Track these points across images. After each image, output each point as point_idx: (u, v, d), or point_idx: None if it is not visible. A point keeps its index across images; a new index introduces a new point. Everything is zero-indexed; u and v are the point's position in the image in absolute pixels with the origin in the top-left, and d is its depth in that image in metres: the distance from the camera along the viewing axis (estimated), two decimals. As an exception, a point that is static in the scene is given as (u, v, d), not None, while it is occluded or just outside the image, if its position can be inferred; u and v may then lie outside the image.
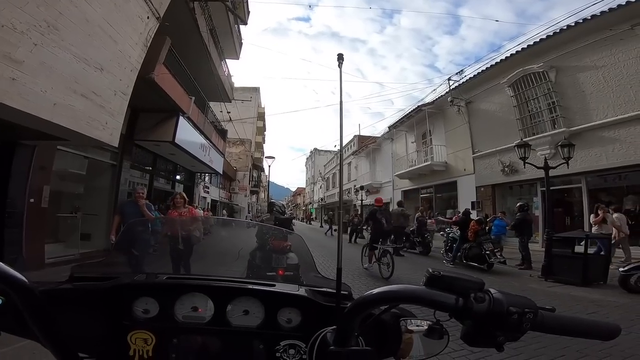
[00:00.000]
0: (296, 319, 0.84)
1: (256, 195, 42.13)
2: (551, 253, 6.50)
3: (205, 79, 11.70)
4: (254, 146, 33.84)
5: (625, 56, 8.49)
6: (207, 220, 4.63)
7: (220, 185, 25.55)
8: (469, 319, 0.51)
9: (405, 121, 18.20)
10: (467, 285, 0.52)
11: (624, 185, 9.05)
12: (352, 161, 29.92)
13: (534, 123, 11.07)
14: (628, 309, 4.27)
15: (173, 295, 0.84)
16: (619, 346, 2.93)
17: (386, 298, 0.56)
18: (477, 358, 2.78)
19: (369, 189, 23.16)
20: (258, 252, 1.60)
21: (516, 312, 0.49)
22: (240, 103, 19.69)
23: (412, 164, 17.69)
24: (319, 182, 46.17)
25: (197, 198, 17.40)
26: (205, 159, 12.48)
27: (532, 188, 11.34)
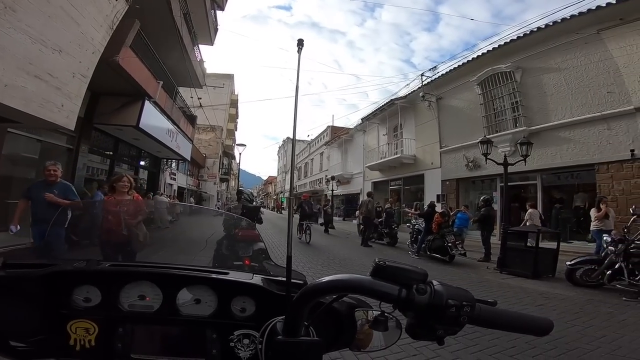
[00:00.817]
0: (250, 308, 0.82)
1: (226, 183, 41.27)
2: (506, 246, 6.84)
3: (176, 64, 11.45)
4: (225, 133, 32.95)
5: (588, 60, 8.87)
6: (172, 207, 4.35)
7: (188, 172, 24.82)
8: (410, 310, 0.51)
9: (378, 114, 18.40)
10: (411, 276, 0.52)
11: (575, 184, 9.67)
12: (325, 151, 29.93)
13: (498, 121, 11.48)
14: (573, 301, 4.54)
15: (117, 284, 0.79)
16: (564, 338, 3.12)
17: (333, 287, 0.55)
18: (429, 348, 2.88)
19: (340, 180, 23.38)
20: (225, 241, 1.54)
21: (454, 305, 0.49)
22: (212, 89, 19.17)
23: (383, 156, 17.99)
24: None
25: (163, 185, 16.86)
26: (172, 145, 12.15)
27: (493, 183, 11.87)
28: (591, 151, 8.70)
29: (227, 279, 0.86)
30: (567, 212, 9.77)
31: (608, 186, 8.20)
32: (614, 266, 4.90)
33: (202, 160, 27.66)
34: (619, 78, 8.19)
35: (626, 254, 4.82)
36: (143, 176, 14.46)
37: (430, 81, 14.44)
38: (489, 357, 2.78)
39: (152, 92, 8.91)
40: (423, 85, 14.68)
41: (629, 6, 7.79)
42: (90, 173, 9.49)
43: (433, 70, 14.56)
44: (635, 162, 7.72)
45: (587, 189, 9.18)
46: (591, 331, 3.33)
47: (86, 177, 8.85)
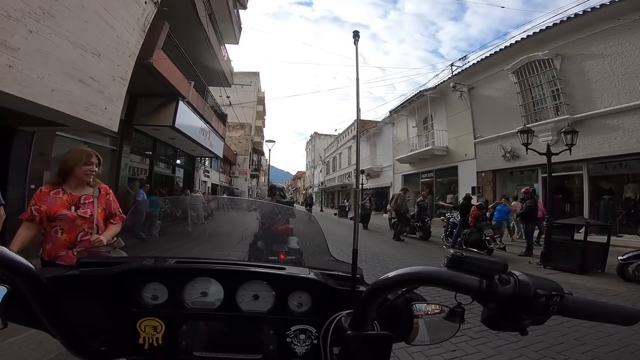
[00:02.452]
0: (307, 303, 0.82)
1: (256, 179, 42.14)
2: (550, 240, 6.56)
3: (205, 64, 11.75)
4: (254, 130, 33.65)
5: (633, 46, 8.40)
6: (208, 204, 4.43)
7: (221, 169, 25.53)
8: (492, 301, 0.50)
9: (406, 106, 18.04)
10: (491, 266, 0.51)
11: (625, 174, 9.07)
12: (352, 145, 29.74)
13: (537, 110, 11.00)
14: (625, 298, 4.34)
15: (182, 280, 0.81)
16: (616, 335, 2.99)
17: (406, 280, 0.55)
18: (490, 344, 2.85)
19: (370, 173, 23.16)
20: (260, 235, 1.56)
21: (544, 295, 0.48)
22: (240, 88, 19.65)
23: (413, 148, 17.63)
24: (319, 165, 46.09)
25: (198, 182, 17.47)
26: (206, 143, 12.54)
27: (533, 174, 11.35)
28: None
29: (287, 274, 0.86)
30: (616, 204, 9.13)
31: (662, 176, 7.61)
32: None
33: (233, 157, 28.30)
34: None
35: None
36: (179, 174, 15.06)
37: (460, 71, 14.00)
38: (534, 353, 2.72)
39: (184, 92, 9.18)
40: (453, 76, 14.23)
41: None
42: (132, 173, 9.94)
43: (463, 60, 14.10)
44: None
45: (637, 179, 8.60)
46: None
47: (129, 177, 9.33)
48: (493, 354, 2.73)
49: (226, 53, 14.50)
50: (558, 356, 2.66)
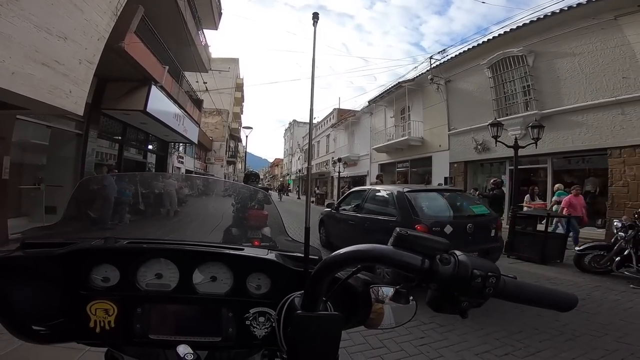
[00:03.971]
0: (266, 285, 0.80)
1: (233, 166, 41.44)
2: (515, 230, 6.87)
3: (181, 49, 11.48)
4: (232, 117, 32.88)
5: (604, 45, 8.67)
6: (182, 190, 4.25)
7: (196, 156, 24.99)
8: (434, 281, 0.49)
9: (385, 96, 18.14)
10: (434, 245, 0.50)
11: (586, 168, 9.56)
12: (331, 134, 29.74)
13: (508, 104, 11.33)
14: (581, 288, 4.61)
15: (135, 262, 0.78)
16: (571, 324, 3.20)
17: (354, 257, 0.53)
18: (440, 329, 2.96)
19: (347, 162, 23.32)
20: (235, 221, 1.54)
21: (480, 276, 0.47)
22: (217, 73, 19.13)
23: (390, 138, 17.83)
24: (297, 153, 45.85)
25: (171, 168, 17.02)
26: (179, 129, 12.29)
27: (502, 166, 11.78)
28: (604, 136, 8.57)
29: (243, 255, 0.84)
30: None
31: (620, 171, 8.11)
32: (623, 253, 4.92)
33: (209, 143, 27.78)
34: (636, 64, 8.01)
35: (636, 240, 4.82)
36: (151, 160, 14.58)
37: (439, 64, 14.18)
38: (496, 341, 2.86)
39: (158, 77, 8.95)
40: (432, 68, 14.43)
41: None
42: (99, 158, 9.62)
43: (442, 53, 14.33)
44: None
45: (598, 174, 9.08)
46: (598, 318, 3.40)
47: (96, 162, 8.97)
48: (459, 341, 2.86)
49: (204, 38, 14.16)
50: (517, 344, 2.81)
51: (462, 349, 2.73)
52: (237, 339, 0.77)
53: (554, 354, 2.66)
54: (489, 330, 3.05)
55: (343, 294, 0.75)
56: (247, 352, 0.81)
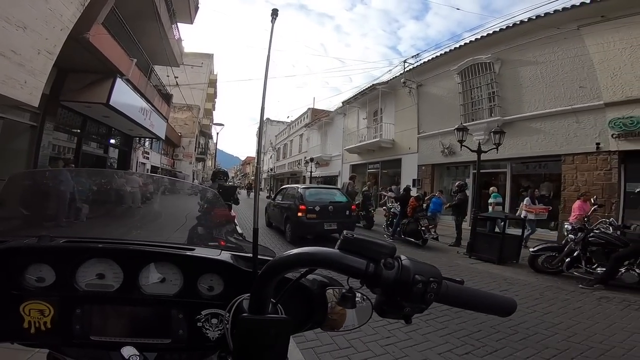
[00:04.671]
0: (218, 286, 0.78)
1: (202, 163, 40.33)
2: (475, 232, 7.15)
3: (153, 42, 11.29)
4: (203, 113, 32.00)
5: (565, 55, 9.10)
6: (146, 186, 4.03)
7: (163, 151, 24.17)
8: (378, 286, 0.49)
9: (359, 98, 18.33)
10: (379, 250, 0.50)
11: (542, 173, 10.14)
12: (304, 133, 29.70)
13: (474, 110, 11.75)
14: (534, 287, 4.84)
15: (73, 262, 0.74)
16: (525, 323, 3.33)
17: (299, 260, 0.52)
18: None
19: (319, 161, 23.37)
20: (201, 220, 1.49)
21: (421, 281, 0.47)
22: (190, 68, 18.63)
23: (362, 139, 18.05)
24: (270, 152, 45.42)
25: (135, 164, 16.34)
26: (145, 123, 11.96)
27: (466, 170, 12.24)
28: (559, 143, 9.08)
29: (192, 255, 0.81)
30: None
31: (572, 177, 8.66)
32: (573, 254, 5.23)
33: (178, 139, 27.00)
34: (593, 74, 8.47)
35: (584, 242, 5.14)
36: (113, 155, 14.02)
37: (412, 68, 14.49)
38: (457, 340, 2.95)
39: (124, 69, 8.79)
40: (405, 72, 14.72)
41: (611, 4, 7.95)
42: (55, 151, 9.23)
43: (416, 58, 14.68)
44: (600, 154, 8.15)
45: (552, 179, 9.64)
46: (549, 317, 3.57)
47: (51, 156, 8.56)
48: (423, 340, 2.93)
49: (178, 32, 13.86)
50: (476, 343, 2.90)
51: (425, 348, 2.80)
52: (189, 341, 0.75)
53: (509, 353, 2.75)
54: (450, 330, 3.15)
55: (298, 296, 0.75)
56: (201, 354, 0.79)
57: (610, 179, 7.90)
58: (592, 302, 4.14)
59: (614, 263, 4.65)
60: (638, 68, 7.69)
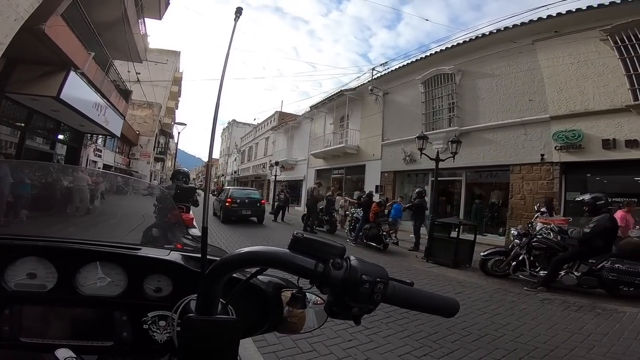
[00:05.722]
0: (167, 287, 0.76)
1: (162, 163, 38.46)
2: (432, 237, 7.43)
3: (116, 36, 10.82)
4: (165, 111, 30.57)
5: (519, 68, 9.68)
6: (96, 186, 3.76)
7: (117, 150, 22.77)
8: (327, 286, 0.49)
9: (327, 103, 18.50)
10: (328, 250, 0.50)
11: (493, 182, 10.76)
12: (271, 136, 29.41)
13: (435, 119, 12.21)
14: (484, 290, 5.08)
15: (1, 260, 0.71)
16: (477, 325, 3.46)
17: (246, 259, 0.51)
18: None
19: (284, 165, 23.23)
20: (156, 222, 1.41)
21: (368, 282, 0.47)
22: (154, 65, 17.79)
23: (328, 144, 18.20)
24: (234, 154, 44.45)
25: (86, 161, 15.22)
26: (99, 120, 11.23)
27: (425, 177, 12.65)
28: (508, 153, 9.70)
29: (136, 255, 0.78)
30: (484, 208, 10.87)
31: (519, 186, 9.29)
32: (519, 258, 5.58)
33: (135, 137, 25.62)
34: (542, 88, 9.11)
35: (529, 247, 5.51)
36: (61, 151, 13.03)
37: (380, 76, 14.80)
38: (416, 342, 3.01)
39: (80, 63, 8.38)
40: (373, 79, 15.00)
41: (564, 19, 8.61)
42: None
43: (384, 66, 14.98)
44: (544, 165, 8.81)
45: (502, 188, 10.28)
46: (498, 319, 3.74)
47: None
48: (383, 342, 2.96)
49: (144, 27, 13.31)
50: (434, 344, 2.97)
51: (386, 350, 2.84)
52: (134, 343, 0.73)
53: (464, 354, 2.83)
54: (409, 332, 3.21)
55: (251, 297, 0.74)
56: (149, 357, 0.77)
57: (552, 188, 8.56)
58: (536, 304, 4.40)
59: (555, 266, 5.03)
60: (583, 83, 8.36)
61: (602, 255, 4.78)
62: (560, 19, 8.68)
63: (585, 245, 4.89)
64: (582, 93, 8.37)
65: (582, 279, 4.86)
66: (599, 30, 7.97)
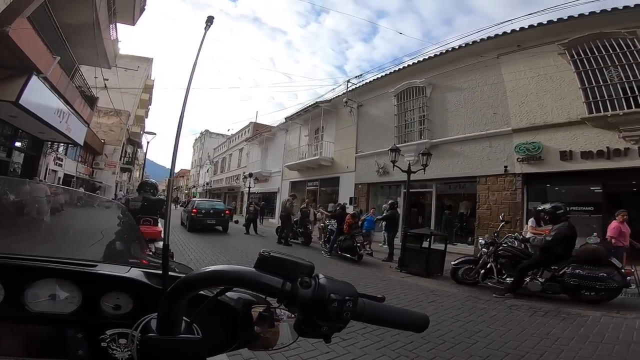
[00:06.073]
0: (127, 305, 0.73)
1: (129, 174, 36.81)
2: (405, 247, 7.57)
3: (85, 40, 10.51)
4: (133, 119, 29.42)
5: (484, 82, 10.12)
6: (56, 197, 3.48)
7: (80, 159, 21.58)
8: (295, 305, 0.49)
9: (302, 114, 18.55)
10: (296, 268, 0.50)
11: (461, 193, 11.13)
12: (245, 147, 29.04)
13: (407, 132, 12.52)
14: (456, 298, 5.18)
15: None
16: (451, 333, 3.51)
17: (210, 278, 0.50)
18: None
19: (258, 177, 22.95)
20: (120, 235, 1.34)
21: (337, 300, 0.47)
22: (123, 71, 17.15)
23: (303, 156, 18.19)
24: (207, 165, 43.45)
25: (45, 170, 14.33)
26: (61, 127, 10.66)
27: (398, 189, 12.81)
28: (475, 165, 10.11)
29: (91, 272, 0.74)
30: (454, 218, 11.21)
31: (485, 196, 9.68)
32: (487, 266, 5.78)
33: (100, 146, 24.45)
34: (505, 101, 9.60)
35: (495, 255, 5.73)
36: (18, 159, 12.24)
37: (355, 88, 15.02)
38: (393, 352, 3.00)
39: (43, 67, 8.07)
40: (348, 91, 15.19)
41: (526, 34, 9.14)
42: None
43: (359, 78, 15.18)
44: (507, 176, 9.26)
45: (470, 198, 10.66)
46: (470, 326, 3.80)
47: None
48: (361, 354, 2.93)
49: (115, 33, 12.90)
50: (410, 354, 2.97)
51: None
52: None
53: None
54: (386, 342, 3.18)
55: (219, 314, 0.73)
56: None
57: (515, 198, 9.01)
58: (504, 310, 4.54)
59: (520, 273, 5.25)
60: (542, 96, 8.87)
61: (563, 261, 5.05)
62: (522, 33, 9.21)
63: (547, 253, 5.15)
64: (541, 106, 8.86)
65: (546, 284, 5.10)
66: (557, 44, 8.53)
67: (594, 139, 7.95)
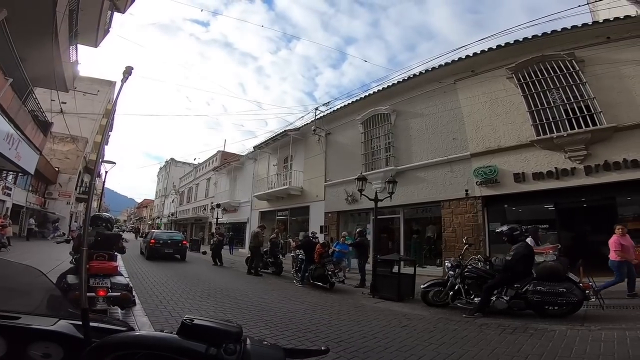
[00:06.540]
0: (57, 354, 0.72)
1: (85, 204, 34.46)
2: (377, 273, 7.57)
3: (42, 61, 10.00)
4: (92, 147, 27.99)
5: (443, 107, 10.43)
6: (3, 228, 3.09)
7: (31, 188, 20.08)
8: None
9: (270, 143, 18.53)
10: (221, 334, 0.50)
11: (428, 217, 11.43)
12: (212, 177, 28.39)
13: (374, 159, 12.76)
14: (428, 321, 5.19)
15: None
16: (425, 357, 3.47)
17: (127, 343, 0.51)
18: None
19: (227, 207, 22.37)
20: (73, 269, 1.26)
21: None
22: (82, 95, 16.43)
23: (272, 186, 18.03)
24: (172, 195, 41.79)
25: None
26: (10, 154, 10.04)
27: (368, 216, 12.92)
28: (438, 190, 10.46)
29: (13, 325, 0.74)
30: (422, 242, 11.44)
31: (449, 220, 10.00)
32: (455, 287, 5.92)
33: (54, 175, 22.91)
34: (462, 126, 10.05)
35: (462, 276, 5.91)
36: None
37: (322, 116, 15.22)
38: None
39: None
40: (316, 119, 15.34)
41: (479, 59, 9.71)
42: None
43: (327, 105, 15.43)
44: (469, 200, 9.67)
45: (435, 222, 10.95)
46: (443, 348, 3.78)
47: None
48: None
49: (75, 55, 12.39)
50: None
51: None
52: None
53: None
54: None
55: None
56: None
57: (477, 220, 9.38)
58: (475, 330, 4.58)
59: (486, 293, 5.41)
60: (494, 120, 9.37)
61: (525, 279, 5.29)
62: (475, 58, 9.78)
63: (509, 272, 5.39)
64: (494, 130, 9.38)
65: (511, 302, 5.27)
66: (505, 68, 9.12)
67: (543, 160, 8.46)
